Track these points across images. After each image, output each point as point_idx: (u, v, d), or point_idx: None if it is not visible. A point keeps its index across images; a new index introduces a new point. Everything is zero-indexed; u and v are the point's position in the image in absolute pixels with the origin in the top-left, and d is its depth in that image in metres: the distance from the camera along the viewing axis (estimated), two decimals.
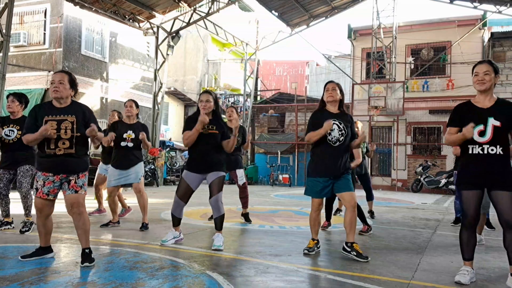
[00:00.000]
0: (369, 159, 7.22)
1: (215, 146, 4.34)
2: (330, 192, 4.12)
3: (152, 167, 14.51)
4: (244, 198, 6.24)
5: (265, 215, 7.24)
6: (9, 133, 4.88)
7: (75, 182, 3.48)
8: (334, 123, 3.99)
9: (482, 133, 3.17)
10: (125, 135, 5.35)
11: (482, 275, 3.56)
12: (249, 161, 20.07)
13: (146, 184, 14.04)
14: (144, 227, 5.32)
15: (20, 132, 4.80)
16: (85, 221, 3.52)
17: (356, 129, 6.90)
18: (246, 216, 6.28)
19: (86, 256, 3.45)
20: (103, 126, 8.29)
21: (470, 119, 3.20)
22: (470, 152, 3.22)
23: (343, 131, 4.02)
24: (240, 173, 6.14)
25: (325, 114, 4.10)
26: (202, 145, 4.31)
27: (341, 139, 4.02)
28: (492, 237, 5.50)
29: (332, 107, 4.15)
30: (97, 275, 3.20)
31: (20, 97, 4.98)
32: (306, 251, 4.12)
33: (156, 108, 15.87)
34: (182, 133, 4.40)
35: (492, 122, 3.14)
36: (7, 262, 3.49)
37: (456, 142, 3.28)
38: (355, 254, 3.91)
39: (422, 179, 15.51)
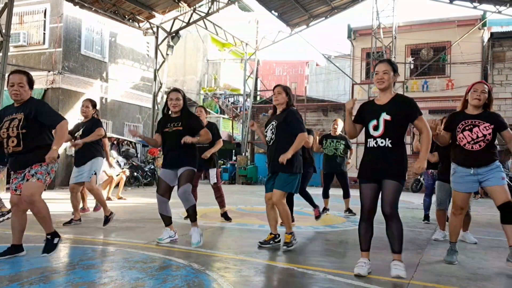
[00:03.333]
0: (350, 156, 7.32)
1: (181, 142, 4.32)
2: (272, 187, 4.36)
3: (152, 167, 14.51)
4: (219, 197, 6.27)
5: (265, 215, 7.22)
6: None
7: (28, 172, 3.49)
8: (271, 124, 4.39)
9: (375, 127, 3.37)
10: (76, 134, 5.53)
11: (481, 275, 3.56)
12: (248, 161, 20.06)
13: (146, 184, 14.06)
14: (106, 220, 5.41)
15: None
16: (39, 210, 3.52)
17: (335, 127, 7.14)
18: (225, 216, 6.28)
19: (46, 244, 3.53)
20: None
21: (367, 115, 3.46)
22: (368, 145, 3.44)
23: (273, 130, 4.33)
24: (212, 173, 6.16)
25: (272, 117, 4.52)
26: (169, 143, 4.44)
27: (272, 137, 4.34)
28: (492, 237, 5.50)
29: (278, 110, 4.46)
30: (97, 275, 3.20)
31: None
32: (259, 244, 4.38)
33: (156, 108, 15.87)
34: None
35: (383, 116, 3.34)
36: (7, 262, 3.49)
37: (347, 122, 3.56)
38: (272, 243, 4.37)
39: (421, 179, 15.50)
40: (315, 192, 7.74)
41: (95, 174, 5.53)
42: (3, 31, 10.00)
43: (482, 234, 5.63)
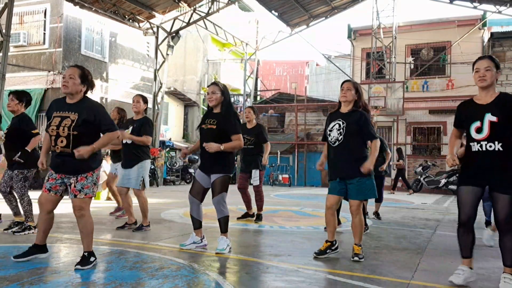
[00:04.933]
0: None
1: (214, 142, 4.00)
2: (345, 193, 4.03)
3: (152, 167, 14.49)
4: (258, 200, 6.32)
5: (265, 215, 7.22)
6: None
7: (74, 186, 3.37)
8: (336, 123, 4.02)
9: (479, 130, 3.13)
10: (125, 131, 5.29)
11: (482, 275, 3.56)
12: None
13: None
14: (139, 228, 5.21)
15: (6, 132, 4.76)
16: (86, 225, 3.42)
17: None
18: (258, 216, 6.34)
19: (82, 259, 3.38)
20: None
21: (468, 116, 3.22)
22: (472, 150, 3.19)
23: (342, 130, 3.95)
24: (254, 174, 6.17)
25: (336, 114, 4.12)
26: (202, 141, 4.15)
27: (340, 138, 3.95)
28: (492, 237, 5.49)
29: (344, 107, 4.11)
30: (97, 275, 3.20)
31: (20, 95, 4.89)
32: (315, 255, 3.98)
33: (156, 108, 15.87)
34: None
35: (488, 117, 3.08)
36: (7, 262, 3.48)
37: (449, 150, 3.35)
38: (352, 255, 3.96)
39: (422, 179, 15.50)
40: (319, 192, 7.71)
41: (143, 180, 5.27)
42: (3, 31, 10.00)
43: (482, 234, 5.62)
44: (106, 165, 8.38)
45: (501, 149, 3.05)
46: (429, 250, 4.55)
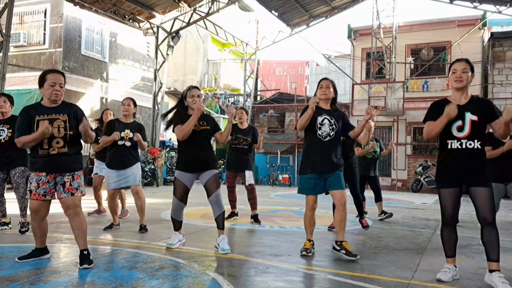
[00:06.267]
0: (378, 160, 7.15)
1: (208, 143, 4.32)
2: (323, 189, 4.08)
3: (152, 167, 14.50)
4: (252, 199, 6.28)
5: (265, 215, 7.23)
6: (0, 132, 4.86)
7: (70, 184, 3.41)
8: (325, 118, 4.04)
9: (460, 128, 3.26)
10: (122, 134, 5.27)
11: (481, 275, 3.55)
12: None
13: (146, 184, 14.04)
14: (142, 228, 5.21)
15: (10, 131, 4.78)
16: (81, 222, 3.47)
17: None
18: (255, 218, 6.25)
19: (85, 258, 3.39)
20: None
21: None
22: (449, 147, 3.29)
23: (334, 126, 4.04)
24: (249, 174, 6.23)
25: (319, 109, 4.09)
26: (196, 143, 4.17)
27: (331, 134, 4.03)
28: None
29: (323, 104, 4.16)
30: (97, 275, 3.20)
31: (10, 98, 5.05)
32: (304, 253, 4.08)
33: (156, 108, 15.87)
34: (173, 128, 4.21)
35: (469, 116, 3.23)
36: (7, 262, 3.49)
37: (439, 126, 3.28)
38: (344, 252, 3.94)
39: (422, 179, 15.51)
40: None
41: (140, 178, 5.43)
42: (3, 31, 10.00)
43: None
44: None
45: (479, 147, 3.23)
46: (429, 250, 4.55)
